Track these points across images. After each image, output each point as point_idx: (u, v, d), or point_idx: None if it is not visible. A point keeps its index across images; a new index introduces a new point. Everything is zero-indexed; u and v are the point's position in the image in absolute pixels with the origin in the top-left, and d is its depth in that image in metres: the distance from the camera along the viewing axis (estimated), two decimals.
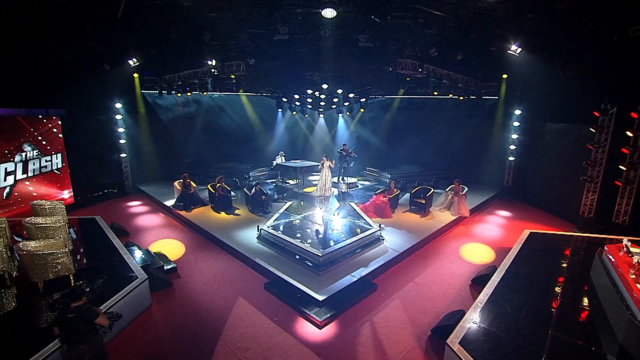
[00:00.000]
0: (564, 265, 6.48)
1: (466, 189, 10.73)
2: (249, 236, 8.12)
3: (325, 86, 12.03)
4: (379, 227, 8.20)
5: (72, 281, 5.25)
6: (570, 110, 10.12)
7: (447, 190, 10.71)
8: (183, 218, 9.60)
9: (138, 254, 6.68)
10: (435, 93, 11.09)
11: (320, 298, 5.52)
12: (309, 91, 12.76)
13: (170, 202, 10.60)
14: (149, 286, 5.60)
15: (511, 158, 12.82)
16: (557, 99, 10.47)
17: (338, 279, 6.17)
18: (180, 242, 8.31)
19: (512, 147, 12.70)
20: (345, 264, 6.77)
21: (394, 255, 7.24)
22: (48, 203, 7.21)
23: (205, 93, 11.45)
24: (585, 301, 5.20)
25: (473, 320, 4.64)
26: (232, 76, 11.04)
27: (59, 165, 9.99)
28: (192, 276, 6.66)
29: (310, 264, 6.55)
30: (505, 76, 12.39)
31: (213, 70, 9.66)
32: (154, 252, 7.16)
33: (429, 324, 5.32)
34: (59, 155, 9.96)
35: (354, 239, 7.37)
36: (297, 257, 6.86)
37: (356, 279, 6.23)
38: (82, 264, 6.04)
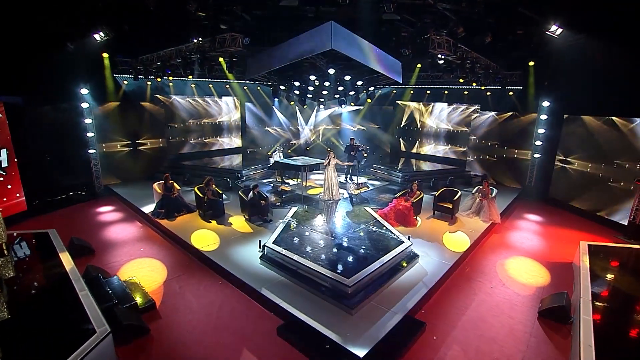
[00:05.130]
0: None
1: (495, 191, 9.38)
2: (249, 253, 6.46)
3: (332, 71, 10.35)
4: (409, 239, 6.72)
5: None
6: (616, 101, 8.90)
7: (474, 192, 9.34)
8: (164, 229, 7.81)
9: (101, 287, 4.90)
10: (461, 80, 9.63)
11: (361, 353, 3.95)
12: (312, 77, 11.04)
13: (148, 208, 8.77)
14: (113, 341, 3.87)
15: (536, 155, 11.57)
16: (597, 89, 9.19)
17: (377, 319, 4.62)
18: (161, 262, 6.55)
19: (538, 142, 11.45)
20: (380, 294, 5.22)
21: (437, 279, 5.75)
22: None
23: (190, 77, 9.55)
24: None
25: None
26: (221, 60, 9.20)
27: (4, 164, 7.96)
28: (176, 315, 4.95)
29: (337, 297, 4.97)
30: (531, 64, 11.07)
31: (200, 45, 7.73)
32: (124, 281, 5.41)
33: None
34: (3, 151, 7.93)
35: (385, 258, 5.82)
36: (317, 286, 5.25)
37: (400, 317, 4.70)
38: (14, 310, 4.16)
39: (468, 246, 7.12)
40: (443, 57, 9.02)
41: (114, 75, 10.76)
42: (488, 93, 12.49)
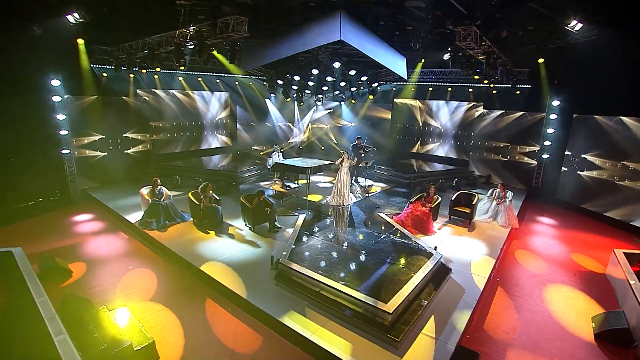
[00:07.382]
0: None
1: (512, 194, 8.91)
2: (260, 271, 5.59)
3: (337, 65, 9.58)
4: (435, 250, 6.07)
5: None
6: (629, 100, 8.63)
7: (489, 195, 8.85)
8: (155, 241, 6.77)
9: (83, 326, 3.90)
10: (476, 77, 9.10)
11: None
12: (315, 71, 10.24)
13: (135, 217, 7.69)
14: None
15: (545, 155, 11.25)
16: (609, 88, 8.88)
17: (427, 354, 3.89)
18: (155, 283, 5.53)
19: (547, 142, 11.12)
20: (421, 319, 4.51)
21: (477, 297, 5.10)
22: None
23: (182, 68, 8.48)
24: None
25: None
26: (215, 52, 8.19)
27: None
28: (182, 356, 4.03)
29: (375, 326, 4.20)
30: (541, 61, 10.70)
31: (198, 31, 6.71)
32: (112, 312, 4.41)
33: None
34: None
35: (420, 275, 5.11)
36: (349, 312, 4.47)
37: (452, 348, 4.00)
38: None
39: (497, 256, 6.56)
40: (452, 53, 8.45)
41: (92, 65, 9.49)
42: (494, 92, 12.10)
